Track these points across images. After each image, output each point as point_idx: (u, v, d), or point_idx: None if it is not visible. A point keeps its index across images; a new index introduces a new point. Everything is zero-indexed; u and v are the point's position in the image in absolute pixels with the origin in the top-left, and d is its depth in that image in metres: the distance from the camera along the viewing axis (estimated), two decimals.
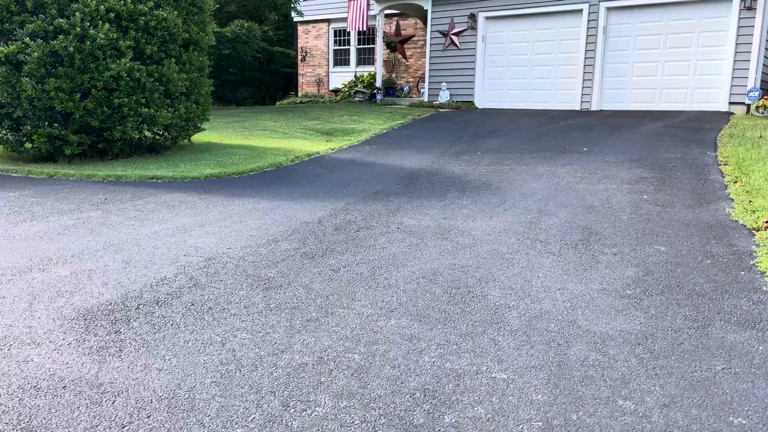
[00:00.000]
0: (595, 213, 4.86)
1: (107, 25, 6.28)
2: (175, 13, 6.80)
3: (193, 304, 2.95)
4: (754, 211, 4.66)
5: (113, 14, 6.36)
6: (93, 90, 6.42)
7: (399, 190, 5.93)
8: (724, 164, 6.77)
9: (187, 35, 7.04)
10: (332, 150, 8.47)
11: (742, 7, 11.14)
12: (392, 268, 3.54)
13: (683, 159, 7.15)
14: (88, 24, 6.25)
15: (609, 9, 12.62)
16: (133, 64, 6.51)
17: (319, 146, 8.63)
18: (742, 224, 4.42)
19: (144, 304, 2.95)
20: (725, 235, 4.15)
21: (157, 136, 7.45)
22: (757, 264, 3.51)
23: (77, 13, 6.15)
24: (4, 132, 6.81)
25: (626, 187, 5.82)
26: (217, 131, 10.04)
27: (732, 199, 5.22)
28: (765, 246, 3.83)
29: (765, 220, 4.34)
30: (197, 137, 8.58)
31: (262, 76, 27.66)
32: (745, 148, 7.46)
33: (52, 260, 3.60)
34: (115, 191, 5.65)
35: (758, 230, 4.24)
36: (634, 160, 7.23)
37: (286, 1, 14.06)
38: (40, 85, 6.28)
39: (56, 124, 6.73)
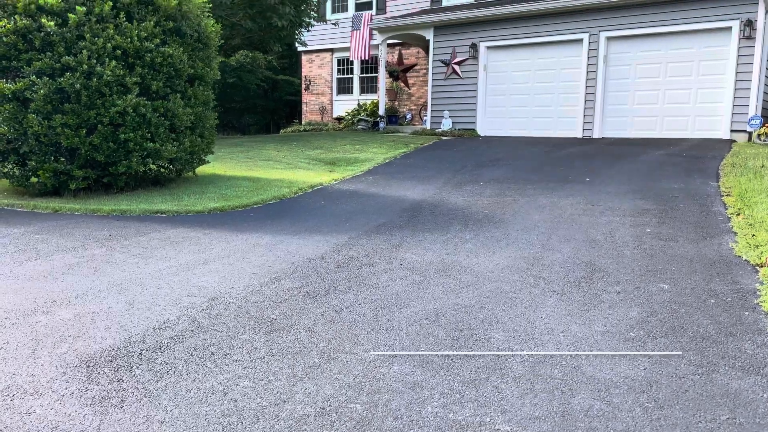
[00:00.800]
0: (598, 248, 4.86)
1: (114, 62, 6.38)
2: (181, 49, 6.91)
3: (195, 350, 2.95)
4: (757, 246, 4.65)
5: (120, 51, 6.47)
6: (99, 125, 6.50)
7: (402, 222, 5.94)
8: (727, 195, 6.77)
9: (192, 71, 7.14)
10: (335, 181, 8.52)
11: (741, 37, 11.25)
12: (395, 308, 3.54)
13: (685, 189, 7.16)
14: (95, 61, 6.35)
15: (609, 38, 12.77)
16: (139, 99, 6.60)
17: (323, 177, 8.68)
18: (745, 260, 4.41)
19: (147, 350, 2.95)
20: (729, 272, 4.14)
21: (161, 169, 7.51)
22: (760, 303, 3.49)
23: (84, 51, 6.25)
24: (10, 167, 6.88)
25: (629, 220, 5.82)
26: (222, 162, 10.12)
27: (735, 233, 5.22)
28: None
29: None
30: (201, 169, 8.64)
31: (267, 104, 27.94)
32: (747, 178, 7.47)
33: (56, 302, 3.61)
34: (119, 227, 5.69)
35: (762, 266, 4.23)
36: (637, 190, 7.24)
37: (290, 33, 14.25)
38: (46, 121, 6.37)
39: (62, 158, 6.80)
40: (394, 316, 3.40)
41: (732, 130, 11.56)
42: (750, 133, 11.35)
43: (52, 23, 6.15)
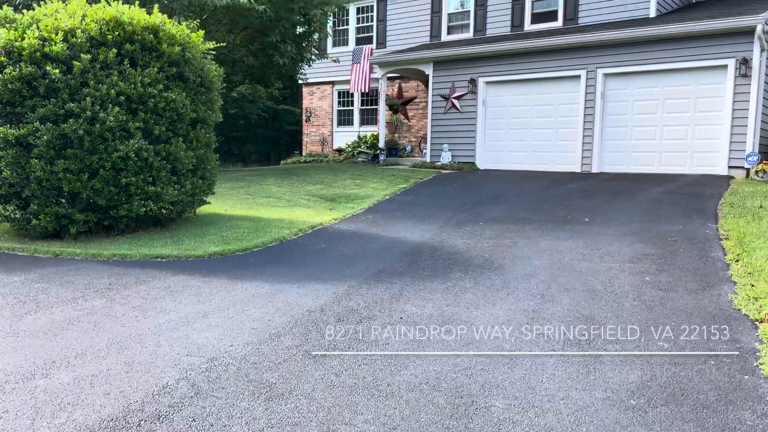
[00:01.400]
0: (598, 299, 4.87)
1: (117, 108, 6.46)
2: (184, 94, 7.00)
3: (194, 420, 2.94)
4: (756, 299, 4.65)
5: (123, 97, 6.55)
6: (101, 170, 6.56)
7: (401, 268, 5.95)
8: (726, 239, 6.80)
9: (194, 115, 7.22)
10: (335, 220, 8.55)
11: (737, 75, 11.39)
12: (395, 370, 3.53)
13: (684, 232, 7.19)
14: (99, 107, 6.43)
15: (606, 75, 12.93)
16: (141, 144, 6.67)
17: (323, 216, 8.71)
18: (744, 314, 4.41)
19: (145, 420, 2.94)
20: (728, 328, 4.14)
21: (162, 210, 7.54)
22: (760, 366, 3.49)
23: (88, 98, 6.34)
24: (11, 209, 6.91)
25: (628, 267, 5.83)
26: (222, 199, 10.16)
27: (734, 282, 5.23)
28: None
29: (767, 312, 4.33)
30: (202, 208, 8.68)
31: (267, 133, 28.18)
32: (745, 220, 7.50)
33: (55, 363, 3.61)
34: (119, 274, 5.69)
35: (761, 322, 4.23)
36: (635, 233, 7.27)
37: (292, 69, 14.45)
38: (49, 166, 6.42)
39: (63, 201, 6.84)
40: (394, 380, 3.40)
41: (730, 166, 11.64)
42: (748, 170, 11.43)
43: (57, 71, 6.24)
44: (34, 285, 5.31)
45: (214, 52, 7.61)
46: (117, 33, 6.60)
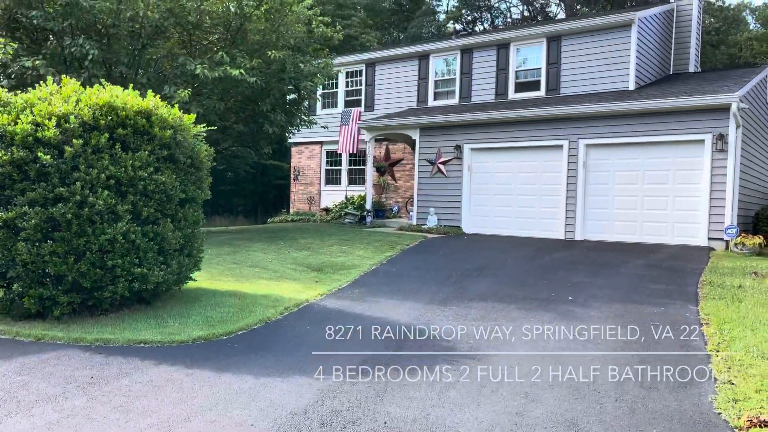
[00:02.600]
0: (581, 399, 4.90)
1: (106, 192, 6.52)
2: (174, 176, 7.09)
3: None
4: (735, 401, 4.72)
5: (113, 180, 6.63)
6: (88, 252, 6.57)
7: (387, 359, 5.95)
8: (706, 323, 6.91)
9: (183, 195, 7.30)
10: (321, 296, 8.56)
11: (714, 149, 11.77)
12: None
13: (665, 315, 7.30)
14: (88, 191, 6.49)
15: (588, 146, 13.29)
16: (129, 226, 6.71)
17: (309, 291, 8.72)
18: (725, 419, 4.46)
19: None
20: None
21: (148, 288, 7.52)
22: None
23: (78, 182, 6.40)
24: None
25: (611, 357, 5.89)
26: (208, 267, 10.14)
27: (716, 378, 5.29)
28: None
29: (747, 417, 4.39)
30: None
31: (255, 188, 28.38)
32: (725, 303, 7.64)
33: None
34: (101, 363, 5.64)
35: (740, 430, 4.28)
36: (618, 315, 7.36)
37: (281, 134, 14.70)
38: (35, 248, 6.42)
39: (47, 280, 6.81)
40: None
41: (710, 238, 11.89)
42: (727, 242, 11.66)
43: (48, 157, 6.33)
44: (15, 378, 5.24)
45: (204, 134, 7.74)
46: (110, 118, 6.72)
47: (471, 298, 8.41)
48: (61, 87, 7.04)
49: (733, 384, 5.11)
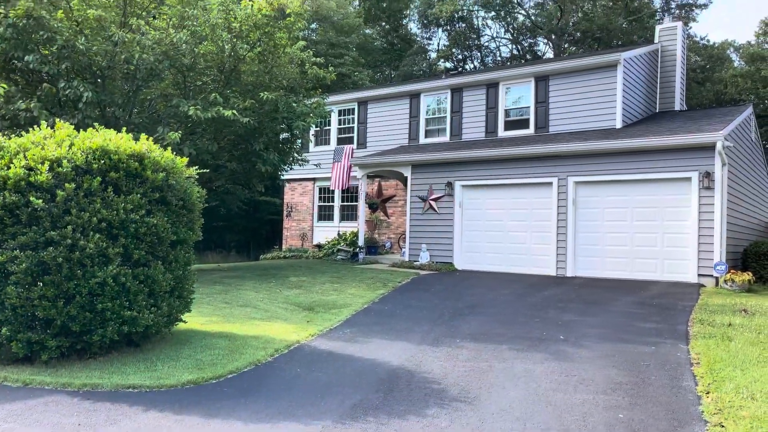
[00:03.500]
0: None
1: (98, 235, 6.55)
2: (165, 218, 7.13)
3: None
4: None
5: (105, 224, 6.66)
6: (77, 296, 6.55)
7: (377, 401, 5.92)
8: (696, 364, 6.93)
9: (175, 237, 7.33)
10: (312, 337, 8.53)
11: (701, 187, 11.94)
12: None
13: (656, 355, 7.31)
14: (80, 235, 6.51)
15: (577, 183, 13.45)
16: (119, 269, 6.71)
17: (300, 332, 8.68)
18: None
19: None
20: None
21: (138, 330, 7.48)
22: None
23: (69, 226, 6.43)
24: None
25: (602, 399, 5.88)
26: (199, 307, 10.09)
27: (706, 421, 5.29)
28: None
29: None
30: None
31: (248, 224, 28.41)
32: (715, 341, 7.67)
33: None
34: (89, 410, 5.58)
35: None
36: (609, 355, 7.37)
37: (274, 173, 14.83)
38: (25, 292, 6.41)
39: (36, 324, 6.76)
40: None
41: (699, 274, 11.96)
42: (717, 278, 11.74)
43: (40, 201, 6.36)
44: (2, 425, 5.17)
45: (197, 176, 7.82)
46: (103, 161, 6.79)
47: (463, 337, 8.40)
48: (55, 130, 7.13)
49: (723, 426, 5.11)
